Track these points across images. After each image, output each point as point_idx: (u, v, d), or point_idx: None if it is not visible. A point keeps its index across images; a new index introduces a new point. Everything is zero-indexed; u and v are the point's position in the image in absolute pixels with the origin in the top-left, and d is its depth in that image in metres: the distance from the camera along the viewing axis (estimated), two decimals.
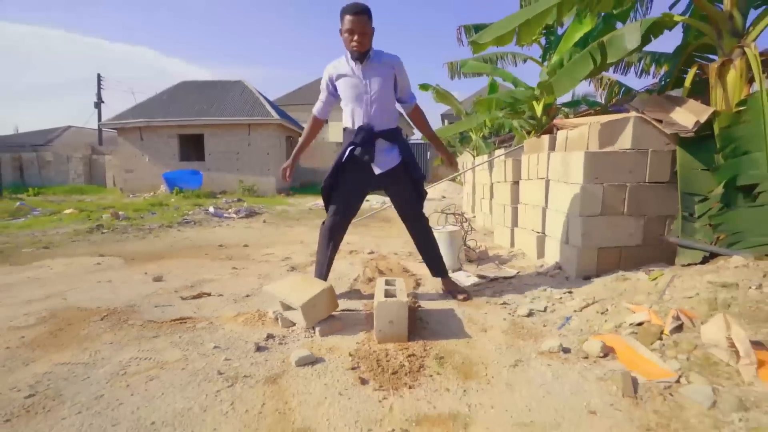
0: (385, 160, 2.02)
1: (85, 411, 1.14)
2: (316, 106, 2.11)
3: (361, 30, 1.84)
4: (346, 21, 1.84)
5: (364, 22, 1.85)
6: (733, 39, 2.12)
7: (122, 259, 3.51)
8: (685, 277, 1.82)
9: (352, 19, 1.83)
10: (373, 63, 1.95)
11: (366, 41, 1.88)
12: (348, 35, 1.86)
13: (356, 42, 1.85)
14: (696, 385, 1.17)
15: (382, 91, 1.97)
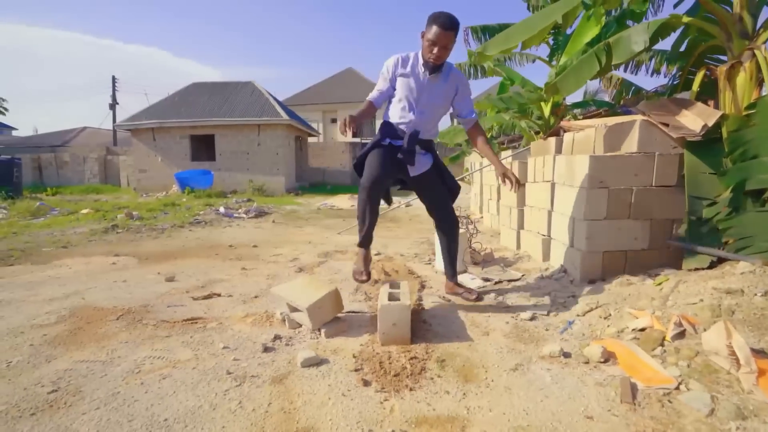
0: (420, 164, 2.05)
1: (103, 407, 1.20)
2: (373, 94, 2.02)
3: (444, 45, 1.82)
4: (434, 32, 1.80)
5: (450, 39, 1.83)
6: (743, 41, 2.10)
7: (136, 258, 3.61)
8: (689, 283, 1.82)
9: (439, 33, 1.79)
10: (439, 81, 1.96)
11: (444, 56, 1.87)
12: (429, 45, 1.83)
13: (435, 56, 1.84)
14: (694, 392, 1.19)
15: (435, 107, 2.01)
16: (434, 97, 1.98)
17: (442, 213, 2.18)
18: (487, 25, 4.93)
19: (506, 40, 2.39)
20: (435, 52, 1.83)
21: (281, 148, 13.51)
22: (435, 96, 1.98)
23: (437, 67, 1.90)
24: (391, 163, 1.98)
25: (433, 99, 1.98)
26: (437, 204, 2.16)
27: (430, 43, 1.82)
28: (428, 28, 1.82)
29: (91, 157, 16.70)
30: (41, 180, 16.48)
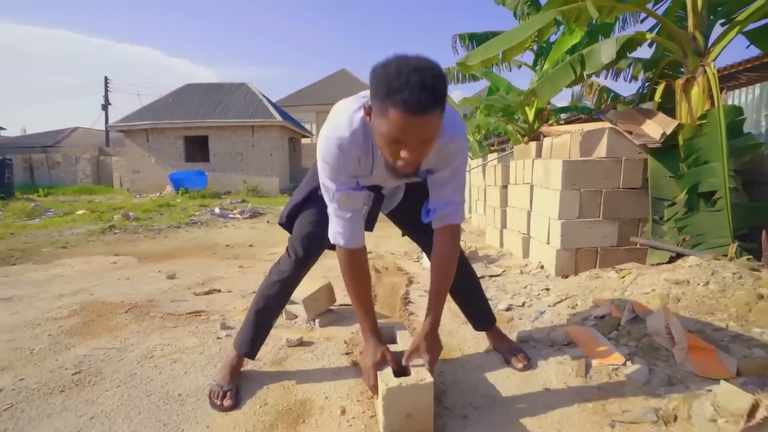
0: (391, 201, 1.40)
1: (123, 385, 1.37)
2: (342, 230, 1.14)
3: (425, 140, 0.89)
4: (395, 122, 0.85)
5: (432, 128, 0.88)
6: (696, 58, 2.32)
7: (136, 258, 3.75)
8: (646, 276, 2.03)
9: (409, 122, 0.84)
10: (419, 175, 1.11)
11: (425, 156, 0.94)
12: (388, 144, 0.91)
13: (405, 162, 0.91)
14: (636, 366, 1.38)
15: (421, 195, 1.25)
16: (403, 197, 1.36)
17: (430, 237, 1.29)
18: (474, 33, 5.14)
19: (486, 51, 2.58)
20: (404, 158, 0.90)
21: (275, 149, 13.62)
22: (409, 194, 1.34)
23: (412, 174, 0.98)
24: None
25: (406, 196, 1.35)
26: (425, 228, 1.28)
27: (390, 141, 0.89)
28: (381, 108, 0.87)
29: (83, 157, 16.66)
30: (32, 180, 16.41)
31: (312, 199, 1.30)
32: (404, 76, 0.81)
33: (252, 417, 1.20)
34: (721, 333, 1.46)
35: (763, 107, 3.50)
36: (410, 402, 1.02)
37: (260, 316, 1.35)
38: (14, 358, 1.56)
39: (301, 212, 1.32)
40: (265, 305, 1.35)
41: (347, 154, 1.02)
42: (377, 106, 0.88)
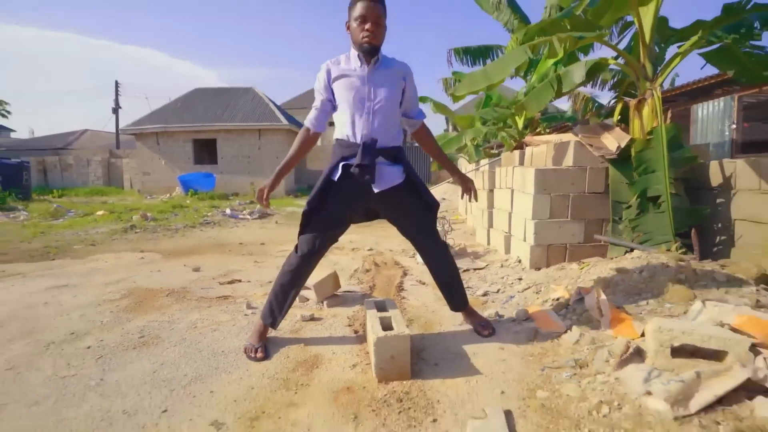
0: (386, 177, 1.68)
1: (179, 345, 1.79)
2: (310, 115, 1.72)
3: (375, 18, 1.56)
4: (358, 7, 1.56)
5: (379, 11, 1.57)
6: (646, 82, 2.72)
7: (160, 254, 4.18)
8: (599, 266, 2.44)
9: (366, 5, 1.54)
10: (381, 68, 1.66)
11: (380, 34, 1.59)
12: (358, 24, 1.57)
13: (368, 31, 1.55)
14: (572, 332, 1.79)
15: (388, 102, 1.65)
16: (383, 90, 1.64)
17: (426, 238, 1.82)
18: (468, 47, 5.54)
19: (472, 85, 2.99)
20: (368, 28, 1.55)
21: (281, 152, 14.06)
22: (383, 88, 1.65)
23: (375, 49, 1.60)
24: (345, 213, 1.73)
25: (382, 91, 1.64)
26: (421, 228, 1.80)
27: (360, 20, 1.56)
28: (352, 8, 1.59)
29: (94, 159, 17.19)
30: (46, 182, 16.96)
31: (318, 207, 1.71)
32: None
33: (278, 364, 1.62)
34: (641, 308, 1.87)
35: (726, 118, 3.86)
36: (393, 347, 1.44)
37: (278, 298, 1.75)
38: (90, 328, 1.99)
39: (312, 215, 1.71)
40: (281, 291, 1.74)
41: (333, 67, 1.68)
42: (351, 8, 1.61)
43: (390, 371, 1.44)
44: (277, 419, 1.25)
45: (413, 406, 1.30)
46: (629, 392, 1.20)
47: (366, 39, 1.57)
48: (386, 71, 1.68)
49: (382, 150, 1.67)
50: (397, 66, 1.71)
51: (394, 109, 1.71)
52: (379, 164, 1.66)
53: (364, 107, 1.64)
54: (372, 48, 1.59)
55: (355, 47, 1.64)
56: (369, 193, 1.68)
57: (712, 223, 2.72)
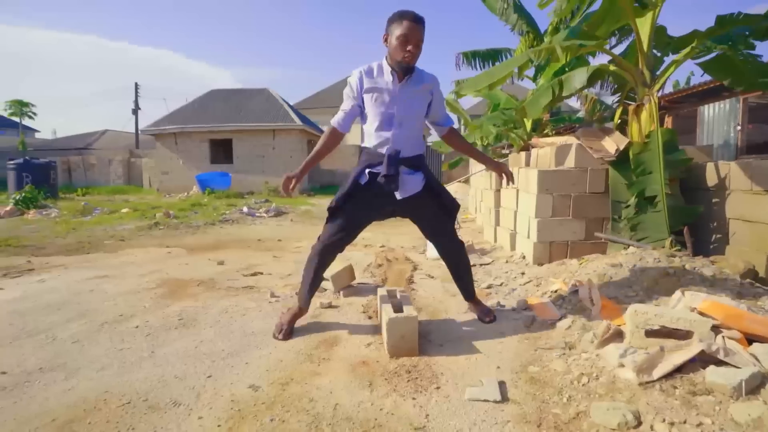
0: (408, 185, 1.84)
1: (214, 326, 2.04)
2: (338, 117, 1.85)
3: (417, 41, 1.66)
4: (404, 26, 1.63)
5: (421, 33, 1.67)
6: (644, 88, 2.87)
7: (185, 249, 4.47)
8: (596, 262, 2.61)
9: (411, 26, 1.63)
10: (411, 84, 1.76)
11: (418, 54, 1.70)
12: (401, 43, 1.64)
13: (409, 53, 1.65)
14: (566, 320, 1.97)
15: (414, 117, 1.82)
16: (410, 106, 1.79)
17: (444, 239, 2.01)
18: (477, 51, 5.71)
19: (476, 84, 3.17)
20: (409, 50, 1.64)
21: (294, 151, 14.40)
22: (411, 104, 1.78)
23: (410, 69, 1.73)
24: (370, 214, 1.91)
25: (410, 108, 1.79)
26: (436, 229, 1.98)
27: (403, 39, 1.64)
28: (395, 26, 1.66)
29: (116, 159, 17.80)
30: (70, 181, 17.63)
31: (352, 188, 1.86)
32: (407, 10, 1.71)
33: (302, 342, 1.85)
34: (630, 298, 2.04)
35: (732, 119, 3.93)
36: (403, 327, 1.65)
37: (307, 281, 1.97)
38: (135, 311, 2.25)
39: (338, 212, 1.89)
40: (307, 274, 1.97)
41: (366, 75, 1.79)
42: (393, 25, 1.68)
43: (400, 348, 1.66)
44: (303, 384, 1.47)
45: (420, 376, 1.51)
46: (606, 366, 1.39)
47: (407, 59, 1.67)
48: (415, 87, 1.78)
49: (405, 159, 1.81)
50: (426, 80, 1.82)
51: (419, 122, 1.88)
52: (402, 173, 1.81)
53: (392, 123, 1.78)
54: (408, 67, 1.72)
55: (391, 61, 1.75)
56: (392, 199, 1.85)
57: (708, 222, 2.86)
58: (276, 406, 1.32)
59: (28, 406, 1.31)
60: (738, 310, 1.45)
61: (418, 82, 1.79)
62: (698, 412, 1.11)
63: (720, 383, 1.14)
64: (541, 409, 1.26)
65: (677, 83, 11.50)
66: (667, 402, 1.16)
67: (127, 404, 1.31)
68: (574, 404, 1.25)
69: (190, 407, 1.31)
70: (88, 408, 1.30)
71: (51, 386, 1.44)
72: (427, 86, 1.82)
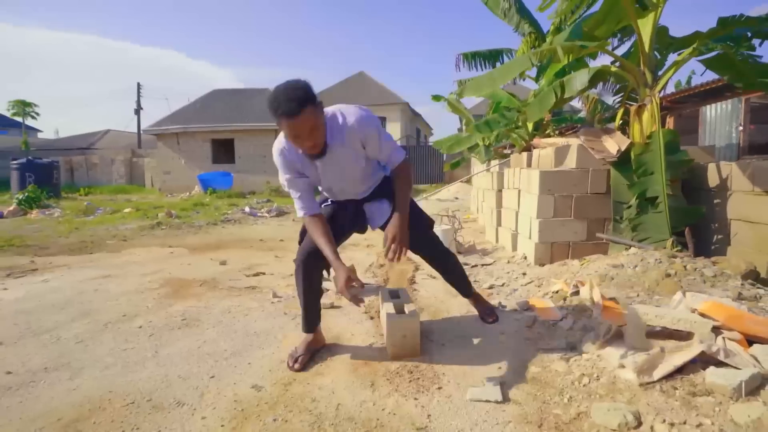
0: (378, 214, 1.75)
1: (217, 326, 2.05)
2: (299, 205, 1.60)
3: (309, 130, 1.33)
4: (285, 126, 1.32)
5: (307, 121, 1.31)
6: (646, 89, 2.87)
7: (187, 249, 4.48)
8: (597, 262, 2.61)
9: (291, 124, 1.30)
10: (334, 148, 1.49)
11: (320, 137, 1.39)
12: (293, 141, 1.38)
13: (308, 147, 1.39)
14: (567, 320, 1.98)
15: (353, 167, 1.59)
16: (343, 166, 1.57)
17: (429, 250, 1.93)
18: (478, 51, 5.71)
19: (477, 88, 3.18)
20: (307, 145, 1.38)
21: None
22: (342, 164, 1.56)
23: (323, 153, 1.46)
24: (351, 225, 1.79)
25: (343, 167, 1.58)
26: (418, 244, 1.79)
27: (292, 138, 1.37)
28: (278, 123, 1.34)
29: (118, 159, 17.87)
30: (72, 180, 17.70)
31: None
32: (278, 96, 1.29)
33: None
34: (632, 299, 2.04)
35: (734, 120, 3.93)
36: (405, 328, 1.66)
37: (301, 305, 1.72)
38: (139, 311, 2.27)
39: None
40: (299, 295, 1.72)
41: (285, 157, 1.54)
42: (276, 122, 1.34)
43: (402, 349, 1.67)
44: (306, 384, 1.48)
45: (422, 376, 1.52)
46: (607, 366, 1.39)
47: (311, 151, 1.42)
48: (341, 148, 1.50)
49: (364, 199, 1.75)
50: (348, 135, 1.48)
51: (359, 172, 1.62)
52: (367, 208, 1.76)
53: (330, 188, 1.72)
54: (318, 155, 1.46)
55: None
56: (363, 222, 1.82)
57: (710, 223, 2.85)
58: (279, 405, 1.33)
59: (33, 406, 1.33)
60: (739, 311, 1.46)
61: (338, 140, 1.48)
62: (698, 413, 1.12)
63: (720, 384, 1.15)
64: (542, 410, 1.27)
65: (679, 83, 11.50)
66: (668, 403, 1.17)
67: (132, 404, 1.33)
68: (575, 405, 1.26)
69: (193, 407, 1.32)
70: (93, 407, 1.31)
71: (56, 386, 1.45)
72: (355, 141, 1.51)
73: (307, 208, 1.59)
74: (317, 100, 1.34)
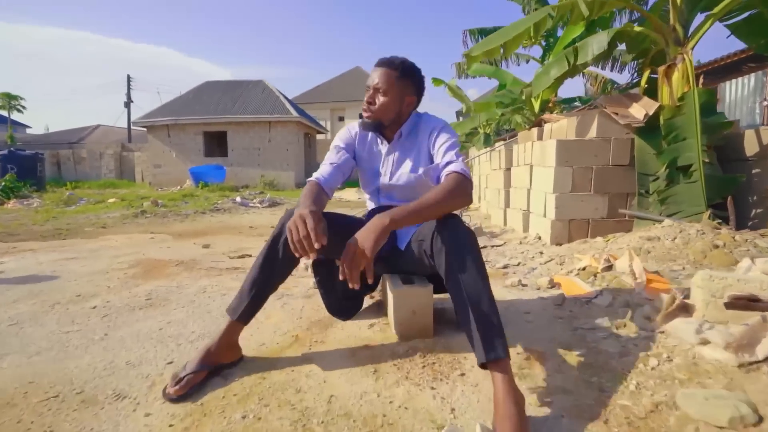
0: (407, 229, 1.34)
1: (187, 306, 1.72)
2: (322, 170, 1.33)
3: (378, 85, 1.26)
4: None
5: (385, 77, 1.26)
6: (677, 47, 2.57)
7: (171, 235, 4.14)
8: (625, 237, 2.30)
9: (372, 72, 1.30)
10: (404, 141, 1.35)
11: (382, 106, 1.27)
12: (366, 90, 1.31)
13: (365, 103, 1.30)
14: (603, 297, 1.67)
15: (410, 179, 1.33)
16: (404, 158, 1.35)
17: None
18: (483, 28, 5.40)
19: (487, 44, 2.86)
20: (366, 100, 1.29)
21: (291, 144, 14.04)
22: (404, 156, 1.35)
23: (373, 125, 1.30)
24: None
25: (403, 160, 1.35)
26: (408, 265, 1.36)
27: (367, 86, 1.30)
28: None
29: (107, 153, 17.39)
30: (60, 175, 17.20)
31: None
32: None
33: (290, 323, 1.54)
34: (677, 272, 1.74)
35: (757, 95, 3.67)
36: (414, 302, 1.33)
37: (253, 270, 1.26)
38: (98, 291, 1.93)
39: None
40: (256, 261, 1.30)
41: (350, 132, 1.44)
42: None
43: (411, 328, 1.34)
44: (289, 372, 1.16)
45: (438, 361, 1.20)
46: (679, 344, 1.08)
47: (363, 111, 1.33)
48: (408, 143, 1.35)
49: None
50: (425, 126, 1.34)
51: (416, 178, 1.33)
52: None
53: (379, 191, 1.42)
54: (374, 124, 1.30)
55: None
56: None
57: (747, 195, 2.56)
58: (251, 398, 1.01)
59: None
60: None
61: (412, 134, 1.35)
62: None
63: None
64: (602, 400, 0.95)
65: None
66: None
67: (54, 398, 1.00)
68: (648, 393, 0.95)
69: (137, 400, 0.99)
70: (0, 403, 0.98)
71: None
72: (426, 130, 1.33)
73: (321, 174, 1.31)
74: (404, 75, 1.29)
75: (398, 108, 1.30)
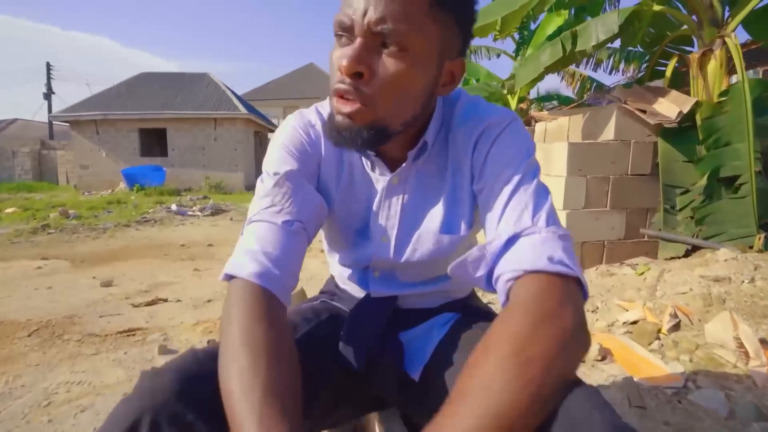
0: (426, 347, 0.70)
1: None
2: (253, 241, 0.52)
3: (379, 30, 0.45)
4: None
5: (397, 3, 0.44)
6: (713, 29, 2.09)
7: (69, 262, 3.16)
8: (674, 272, 1.76)
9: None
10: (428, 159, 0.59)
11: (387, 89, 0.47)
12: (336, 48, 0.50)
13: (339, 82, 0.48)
14: (705, 391, 1.08)
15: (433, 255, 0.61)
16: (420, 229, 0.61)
17: None
18: None
19: (485, 18, 2.25)
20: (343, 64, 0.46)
21: (240, 143, 12.85)
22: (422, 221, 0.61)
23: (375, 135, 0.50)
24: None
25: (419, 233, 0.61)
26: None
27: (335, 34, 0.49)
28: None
29: (22, 151, 15.10)
30: None
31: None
32: None
33: None
34: None
35: None
36: None
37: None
38: None
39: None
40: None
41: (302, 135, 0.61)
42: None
43: None
44: None
45: None
46: None
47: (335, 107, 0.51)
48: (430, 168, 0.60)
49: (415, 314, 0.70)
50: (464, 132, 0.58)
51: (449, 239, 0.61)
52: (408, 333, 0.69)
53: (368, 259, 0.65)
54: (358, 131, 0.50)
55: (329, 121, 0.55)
56: None
57: None
58: None
59: None
60: None
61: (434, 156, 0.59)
62: None
63: None
64: None
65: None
66: None
67: None
68: None
69: None
70: None
71: None
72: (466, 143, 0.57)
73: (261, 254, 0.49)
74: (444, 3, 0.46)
75: (431, 89, 0.52)
